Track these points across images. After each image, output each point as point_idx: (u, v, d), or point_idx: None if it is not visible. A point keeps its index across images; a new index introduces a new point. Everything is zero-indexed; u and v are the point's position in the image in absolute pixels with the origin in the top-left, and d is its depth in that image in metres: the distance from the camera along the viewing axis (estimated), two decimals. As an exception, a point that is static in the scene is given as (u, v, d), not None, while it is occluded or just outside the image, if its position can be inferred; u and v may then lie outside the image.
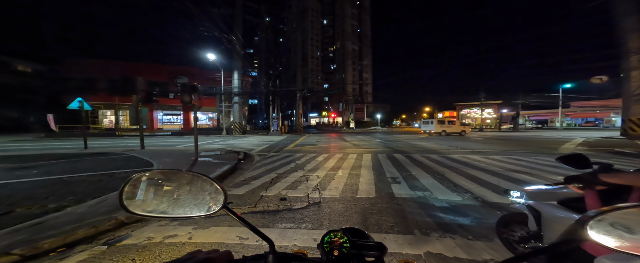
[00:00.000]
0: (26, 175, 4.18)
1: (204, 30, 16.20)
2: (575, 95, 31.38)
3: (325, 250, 0.52)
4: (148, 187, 0.53)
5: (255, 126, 38.83)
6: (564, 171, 4.62)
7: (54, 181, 3.77)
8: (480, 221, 2.43)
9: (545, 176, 4.33)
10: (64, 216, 2.32)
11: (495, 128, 36.29)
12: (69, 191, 3.22)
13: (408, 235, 2.19)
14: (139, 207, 0.52)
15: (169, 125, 27.21)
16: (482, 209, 2.78)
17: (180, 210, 0.53)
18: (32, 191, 3.18)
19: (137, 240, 2.09)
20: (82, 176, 4.13)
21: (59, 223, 2.16)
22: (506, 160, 6.30)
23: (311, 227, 2.42)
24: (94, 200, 2.82)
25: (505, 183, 3.88)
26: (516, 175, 4.49)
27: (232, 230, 2.38)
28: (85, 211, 2.47)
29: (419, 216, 2.62)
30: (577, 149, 9.02)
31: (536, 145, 10.49)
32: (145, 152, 7.85)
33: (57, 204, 2.63)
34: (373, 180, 4.25)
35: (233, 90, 22.47)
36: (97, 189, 3.33)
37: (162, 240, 2.10)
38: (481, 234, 2.17)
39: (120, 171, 4.56)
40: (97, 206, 2.65)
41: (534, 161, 6.14)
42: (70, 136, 17.48)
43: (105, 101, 23.64)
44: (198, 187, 0.54)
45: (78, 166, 5.17)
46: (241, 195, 3.50)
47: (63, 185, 3.51)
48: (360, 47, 69.18)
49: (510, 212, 1.84)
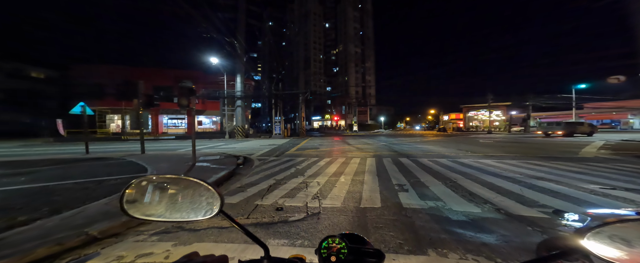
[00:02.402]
0: (12, 183, 4.00)
1: (208, 35, 16.31)
2: (589, 96, 30.14)
3: (323, 255, 0.53)
4: (147, 191, 0.55)
5: (258, 129, 38.87)
6: (598, 180, 4.14)
7: (38, 189, 3.57)
8: (508, 240, 2.05)
9: (575, 185, 3.86)
10: (29, 231, 2.07)
11: (505, 131, 35.18)
12: (48, 200, 2.99)
13: (421, 256, 1.84)
14: (138, 211, 0.54)
15: (174, 129, 27.42)
16: (507, 224, 2.39)
17: (177, 214, 0.55)
18: (8, 202, 2.96)
19: (104, 259, 1.81)
20: (68, 184, 3.92)
21: (20, 240, 1.90)
22: (524, 165, 5.82)
23: (307, 244, 2.10)
24: (71, 212, 2.57)
25: (530, 192, 3.45)
26: (541, 182, 4.03)
27: (218, 247, 2.09)
28: (55, 225, 2.21)
29: (433, 231, 2.26)
30: (599, 153, 8.40)
31: (553, 149, 9.89)
32: (144, 157, 7.70)
33: (28, 216, 2.39)
34: (378, 187, 3.90)
35: (236, 94, 22.51)
36: (80, 198, 3.09)
37: (133, 260, 1.81)
38: (512, 256, 1.79)
39: (111, 178, 4.34)
40: (72, 218, 2.39)
41: (556, 166, 5.64)
42: (76, 141, 17.70)
43: (112, 105, 24.01)
44: (195, 192, 0.56)
45: (70, 172, 4.99)
46: (234, 204, 3.22)
47: (45, 194, 3.29)
48: (363, 49, 69.13)
49: (557, 236, 1.47)
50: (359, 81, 67.48)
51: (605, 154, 7.92)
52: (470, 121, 51.82)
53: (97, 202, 2.91)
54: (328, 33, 71.66)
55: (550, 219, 2.46)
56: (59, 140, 18.71)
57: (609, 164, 5.94)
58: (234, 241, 2.14)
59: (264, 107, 54.52)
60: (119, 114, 25.46)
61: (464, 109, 53.54)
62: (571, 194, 3.37)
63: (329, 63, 72.20)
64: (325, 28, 71.21)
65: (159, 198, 0.55)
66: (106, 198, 3.06)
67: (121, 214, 0.53)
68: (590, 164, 5.95)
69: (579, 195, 3.31)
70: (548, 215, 2.57)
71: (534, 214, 2.62)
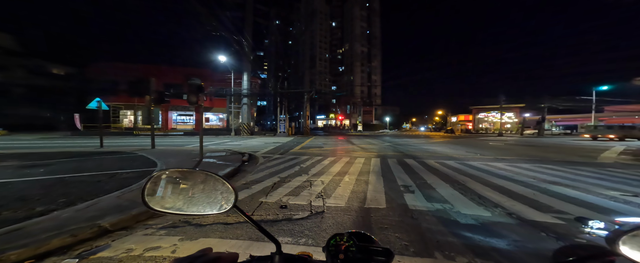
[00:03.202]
0: (31, 174, 4.19)
1: (217, 33, 16.55)
2: (610, 98, 28.59)
3: (331, 253, 0.54)
4: (167, 185, 0.56)
5: (263, 127, 39.18)
6: (619, 186, 3.93)
7: (55, 181, 3.73)
8: (521, 246, 1.97)
9: (594, 190, 3.67)
10: (45, 222, 2.16)
11: (517, 133, 33.99)
12: (64, 192, 3.12)
13: (428, 259, 1.80)
14: (158, 204, 0.54)
15: (182, 125, 28.08)
16: (520, 229, 2.30)
17: (194, 208, 0.55)
18: (28, 192, 3.11)
19: (114, 252, 1.86)
20: (83, 176, 4.08)
21: (37, 230, 1.99)
22: (537, 169, 5.60)
23: (311, 243, 2.09)
24: (84, 204, 2.66)
25: (544, 197, 3.31)
26: (555, 187, 3.86)
27: (224, 243, 2.11)
28: (70, 216, 2.30)
29: (440, 234, 2.20)
30: (619, 158, 7.97)
31: (569, 153, 9.47)
32: (154, 152, 7.92)
33: (45, 207, 2.50)
34: (383, 187, 3.84)
35: (242, 92, 22.76)
36: (93, 191, 3.20)
37: (141, 253, 1.86)
38: (524, 262, 1.73)
39: (123, 172, 4.48)
40: (85, 210, 2.48)
41: (571, 171, 5.39)
42: (92, 135, 18.44)
43: (126, 101, 24.85)
44: (211, 186, 0.57)
45: (85, 165, 5.20)
46: (239, 201, 3.24)
47: (61, 186, 3.44)
48: (369, 48, 68.24)
49: (577, 243, 1.40)
50: (365, 80, 66.74)
51: (625, 160, 7.51)
52: (480, 123, 50.36)
53: (109, 195, 3.01)
54: (334, 32, 71.16)
55: (566, 225, 2.35)
56: (76, 134, 19.53)
57: (630, 170, 5.64)
58: (239, 237, 2.16)
59: (269, 105, 54.92)
60: (132, 110, 26.29)
61: (473, 110, 52.07)
62: (589, 200, 3.21)
63: (335, 62, 71.74)
64: (332, 27, 70.72)
65: (177, 192, 0.56)
66: (118, 191, 3.17)
67: (131, 207, 0.54)
68: (609, 169, 5.66)
69: (598, 202, 3.15)
70: (564, 221, 2.45)
71: (548, 220, 2.51)
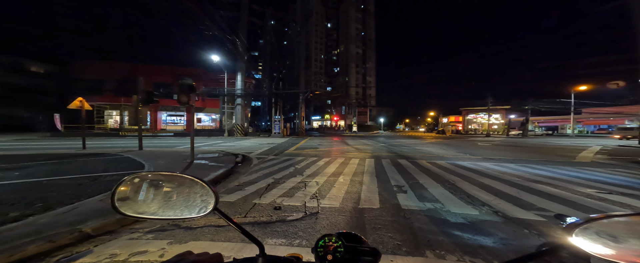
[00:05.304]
0: (5, 177, 3.93)
1: (210, 33, 16.23)
2: (588, 101, 30.31)
3: (319, 254, 0.53)
4: (140, 189, 0.54)
5: (258, 128, 38.78)
6: (595, 184, 4.15)
7: (31, 184, 3.51)
8: (506, 243, 2.04)
9: (572, 189, 3.87)
10: (21, 228, 2.03)
11: (503, 134, 35.33)
12: (41, 196, 2.94)
13: (419, 258, 1.83)
14: (130, 209, 0.52)
15: (173, 126, 27.28)
16: (505, 226, 2.38)
17: (171, 212, 0.53)
18: (0, 197, 2.91)
19: (96, 257, 1.77)
20: (63, 179, 3.86)
21: (11, 236, 1.86)
22: (521, 169, 5.83)
23: (305, 244, 2.08)
24: (64, 208, 2.52)
25: (527, 196, 3.45)
26: (537, 186, 4.03)
27: (215, 246, 2.06)
28: (48, 222, 2.17)
29: (431, 233, 2.25)
30: (596, 158, 8.44)
31: (550, 153, 9.93)
32: (141, 153, 7.63)
33: (21, 212, 2.35)
34: (376, 188, 3.88)
35: (236, 92, 22.43)
36: (73, 194, 3.04)
37: (126, 258, 1.78)
38: (509, 259, 1.78)
39: (107, 174, 4.29)
40: (65, 215, 2.35)
41: (552, 170, 5.66)
42: (74, 136, 17.55)
43: (111, 101, 23.86)
44: (189, 189, 0.55)
45: (65, 167, 4.93)
46: (233, 203, 3.19)
47: (38, 190, 3.24)
48: (364, 50, 69.17)
49: (554, 242, 1.46)
50: (360, 81, 67.49)
51: (601, 159, 7.96)
52: (469, 124, 52.04)
53: (92, 199, 2.87)
54: (330, 33, 71.67)
55: (547, 222, 2.46)
56: (56, 135, 18.55)
57: (606, 169, 5.98)
58: (231, 240, 2.11)
59: (264, 106, 54.42)
60: (118, 110, 25.28)
61: (463, 112, 53.76)
62: (568, 197, 3.39)
63: (330, 63, 72.19)
64: (327, 28, 71.22)
65: (152, 196, 0.54)
66: (101, 195, 3.02)
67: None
68: (586, 168, 5.98)
69: (575, 199, 3.32)
70: (545, 218, 2.56)
71: (531, 217, 2.61)
